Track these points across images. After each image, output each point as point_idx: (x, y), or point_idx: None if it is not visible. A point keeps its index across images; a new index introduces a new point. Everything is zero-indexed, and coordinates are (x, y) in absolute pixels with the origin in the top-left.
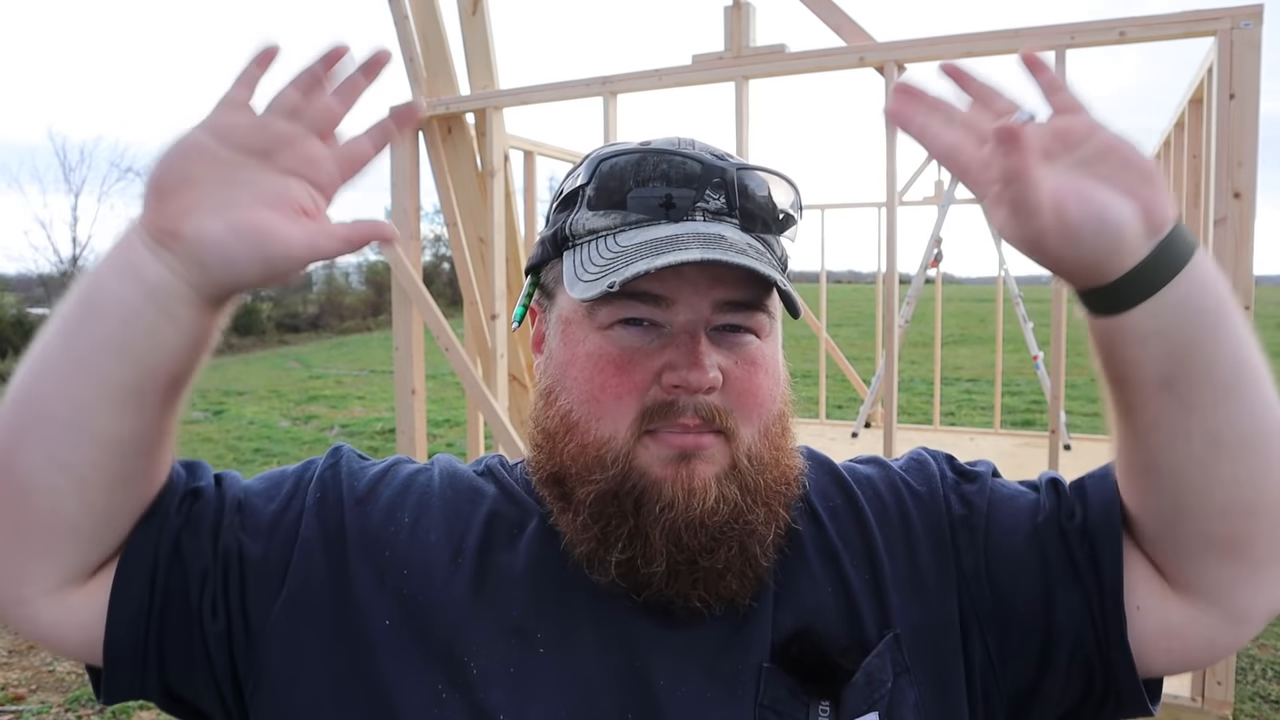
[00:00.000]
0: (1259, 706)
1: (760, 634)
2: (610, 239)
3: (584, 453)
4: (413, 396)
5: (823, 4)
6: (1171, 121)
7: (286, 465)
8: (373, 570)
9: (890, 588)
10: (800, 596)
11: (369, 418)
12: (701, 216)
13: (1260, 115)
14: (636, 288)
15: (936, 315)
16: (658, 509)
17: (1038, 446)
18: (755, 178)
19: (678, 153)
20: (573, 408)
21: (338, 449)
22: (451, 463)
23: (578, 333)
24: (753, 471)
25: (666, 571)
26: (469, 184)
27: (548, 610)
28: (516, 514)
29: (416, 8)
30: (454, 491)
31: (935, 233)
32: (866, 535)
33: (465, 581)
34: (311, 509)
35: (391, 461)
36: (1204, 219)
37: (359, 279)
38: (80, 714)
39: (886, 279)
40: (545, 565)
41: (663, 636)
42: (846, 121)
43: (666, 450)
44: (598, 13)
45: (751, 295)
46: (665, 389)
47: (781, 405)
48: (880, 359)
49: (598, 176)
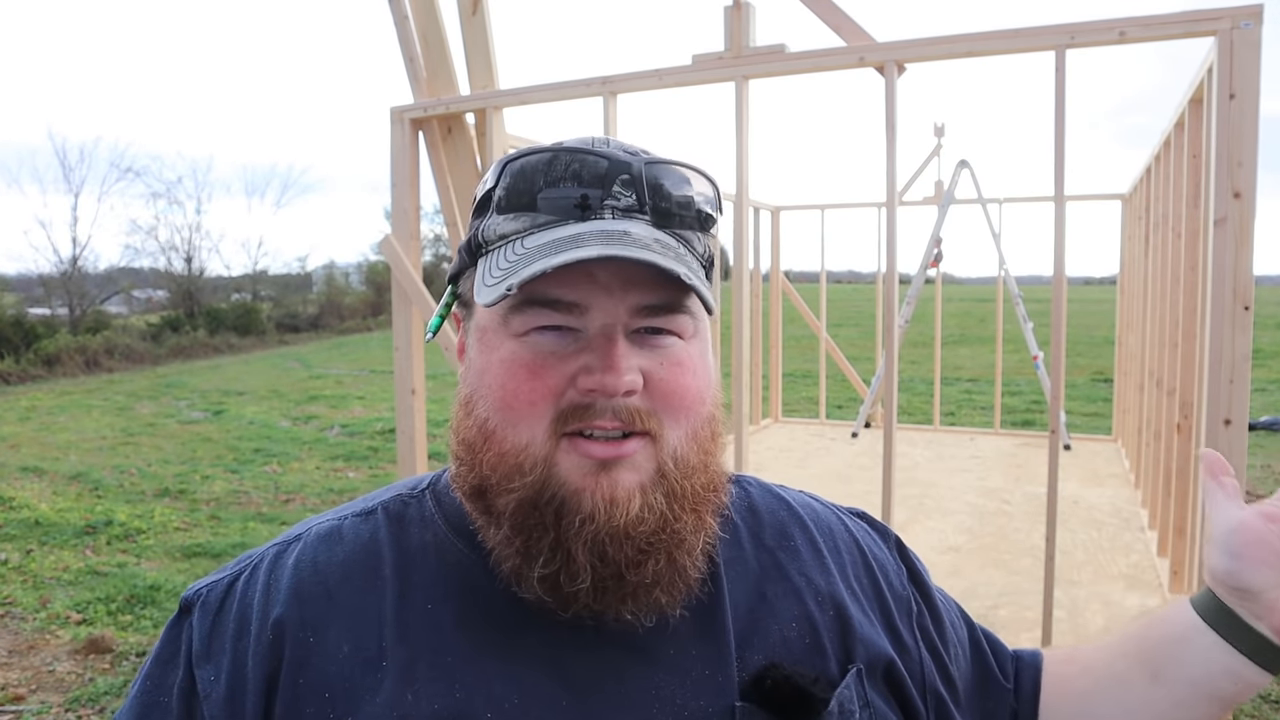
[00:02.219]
0: (1259, 706)
1: (726, 674)
2: (519, 242)
3: (502, 461)
4: (413, 396)
5: (823, 4)
6: (1171, 121)
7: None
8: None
9: (854, 627)
10: (765, 635)
11: (369, 418)
12: (610, 214)
13: (1260, 115)
14: (547, 294)
15: (936, 315)
16: (578, 521)
17: (1038, 446)
18: (668, 171)
19: (587, 150)
20: (489, 415)
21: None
22: (315, 550)
23: (493, 340)
24: (679, 476)
25: (592, 587)
26: (469, 184)
27: (492, 683)
28: (431, 557)
29: (416, 8)
30: (343, 581)
31: (935, 233)
32: (828, 578)
33: (393, 680)
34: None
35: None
36: (1204, 219)
37: (359, 279)
38: (80, 714)
39: (886, 279)
40: (475, 614)
41: (615, 684)
42: (846, 121)
43: (585, 460)
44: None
45: (669, 298)
46: (581, 392)
47: (711, 408)
48: (880, 359)
49: (506, 178)
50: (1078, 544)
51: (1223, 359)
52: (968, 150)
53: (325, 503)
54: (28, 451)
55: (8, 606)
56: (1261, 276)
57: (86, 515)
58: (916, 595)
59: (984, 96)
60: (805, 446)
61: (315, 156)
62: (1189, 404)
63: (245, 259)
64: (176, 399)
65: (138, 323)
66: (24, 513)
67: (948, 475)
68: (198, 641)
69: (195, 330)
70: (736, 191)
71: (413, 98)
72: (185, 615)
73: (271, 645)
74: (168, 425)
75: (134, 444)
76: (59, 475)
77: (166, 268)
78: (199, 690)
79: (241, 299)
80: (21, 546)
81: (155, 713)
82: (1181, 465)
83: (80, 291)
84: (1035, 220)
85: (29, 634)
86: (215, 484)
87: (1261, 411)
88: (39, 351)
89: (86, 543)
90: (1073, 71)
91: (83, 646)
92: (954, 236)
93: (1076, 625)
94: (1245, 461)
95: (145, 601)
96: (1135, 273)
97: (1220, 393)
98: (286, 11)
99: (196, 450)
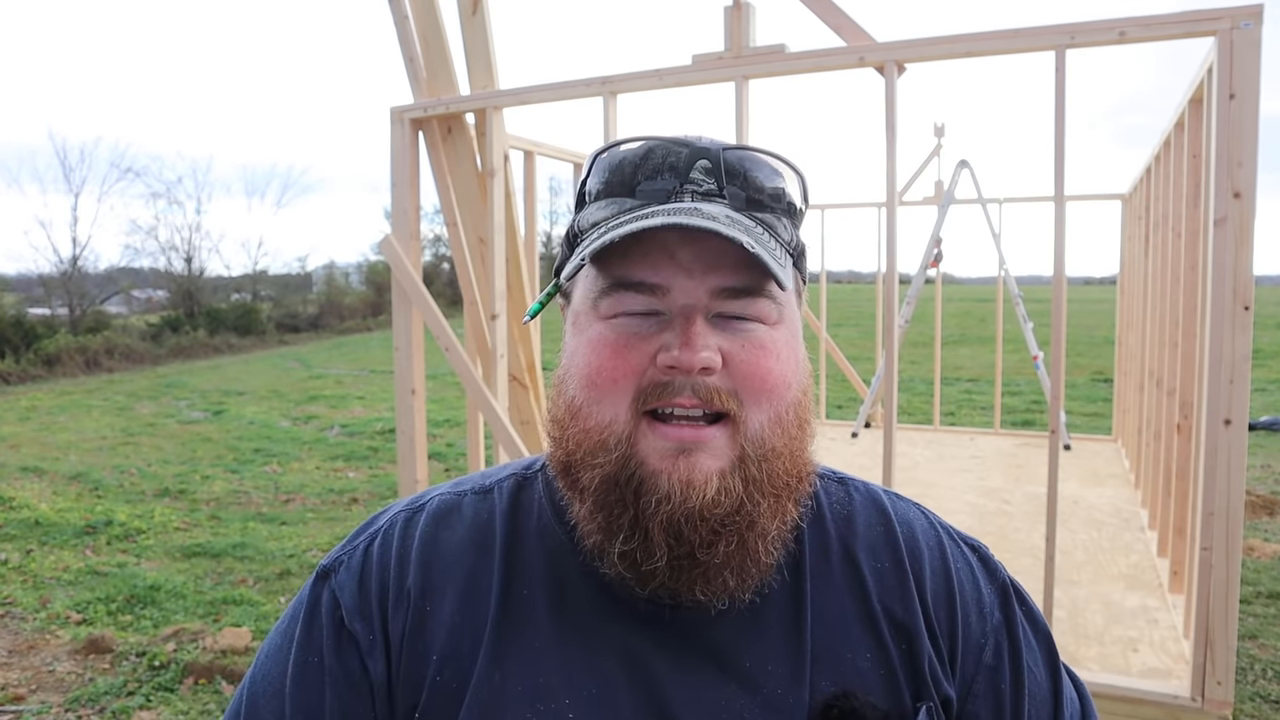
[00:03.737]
0: (1259, 706)
1: (798, 695)
2: (604, 226)
3: (587, 437)
4: (413, 396)
5: (823, 4)
6: (1171, 121)
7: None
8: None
9: (924, 663)
10: (839, 662)
11: (369, 418)
12: (690, 198)
13: (1260, 115)
14: (631, 277)
15: (936, 315)
16: (654, 501)
17: (1037, 446)
18: (751, 159)
19: (673, 140)
20: (576, 393)
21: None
22: (437, 523)
23: (583, 323)
24: (759, 460)
25: (668, 565)
26: (469, 184)
27: (576, 670)
28: (535, 542)
29: (416, 8)
30: (458, 557)
31: (935, 233)
32: (909, 608)
33: (487, 656)
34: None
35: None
36: (1204, 219)
37: (359, 279)
38: (80, 714)
39: (886, 279)
40: (566, 600)
41: (691, 688)
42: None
43: (665, 442)
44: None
45: (749, 280)
46: (660, 370)
47: (798, 394)
48: (880, 359)
49: (598, 170)
50: (1078, 544)
51: (1223, 359)
52: (968, 150)
53: (325, 503)
54: (28, 451)
55: (8, 606)
56: (1261, 276)
57: (86, 515)
58: (998, 643)
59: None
60: None
61: (315, 156)
62: (1189, 404)
63: (245, 259)
64: (176, 399)
65: (138, 323)
66: (24, 513)
67: (948, 475)
68: (349, 600)
69: (195, 330)
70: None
71: (413, 98)
72: (324, 580)
73: (405, 610)
74: (168, 425)
75: (134, 444)
76: (59, 475)
77: (166, 268)
78: (359, 644)
79: (241, 299)
80: (21, 546)
81: (310, 673)
82: (1181, 465)
83: (80, 291)
84: (1035, 220)
85: (29, 634)
86: (215, 484)
87: (1261, 411)
88: (39, 351)
89: (86, 543)
90: (1071, 72)
91: (83, 646)
92: (954, 236)
93: (1076, 625)
94: (1245, 461)
95: (145, 601)
96: (1135, 273)
97: (1220, 393)
98: (286, 11)
99: (196, 450)
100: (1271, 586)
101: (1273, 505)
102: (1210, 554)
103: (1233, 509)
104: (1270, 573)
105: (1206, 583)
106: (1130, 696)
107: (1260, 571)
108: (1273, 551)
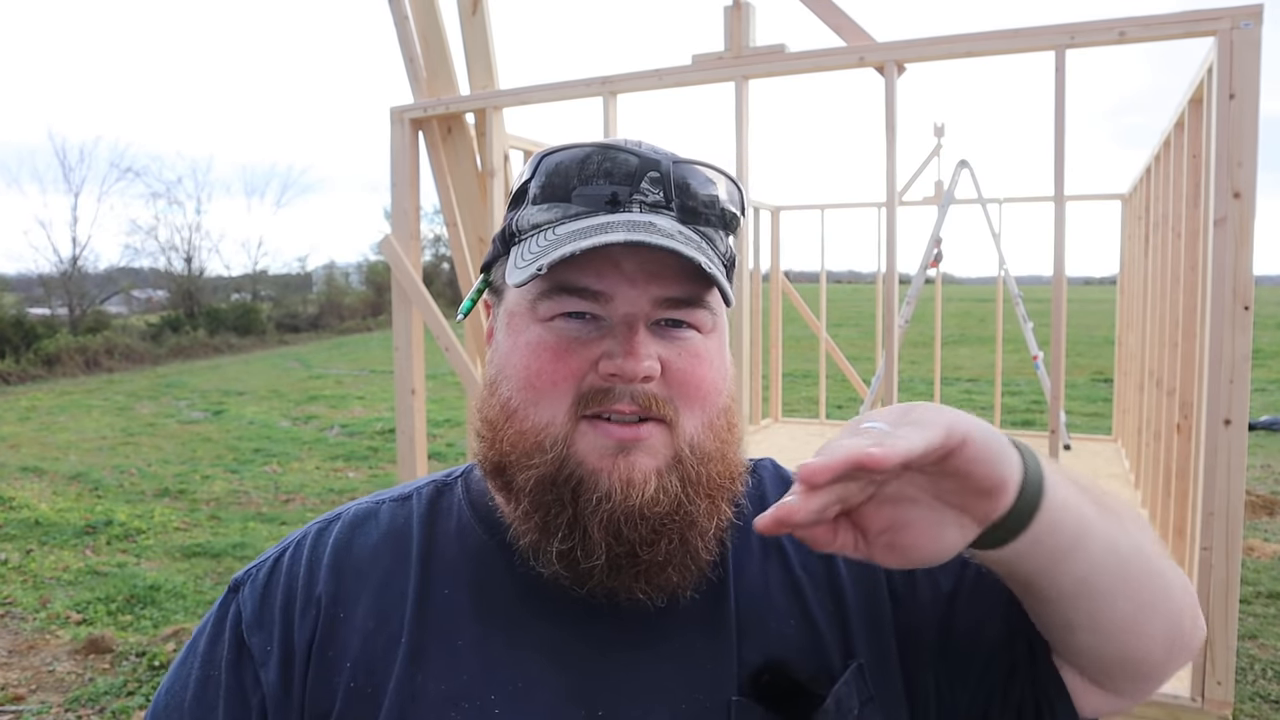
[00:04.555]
0: (1259, 706)
1: (726, 669)
2: (550, 230)
3: (523, 439)
4: (413, 396)
5: (823, 4)
6: (1171, 122)
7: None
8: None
9: (852, 617)
10: (764, 631)
11: (369, 418)
12: (639, 209)
13: (1260, 115)
14: (575, 282)
15: (936, 315)
16: (595, 500)
17: (1038, 446)
18: (694, 171)
19: (619, 148)
20: (512, 395)
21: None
22: (352, 531)
23: (520, 324)
24: (694, 462)
25: (607, 564)
26: (469, 184)
27: (500, 666)
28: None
29: (416, 8)
30: (373, 562)
31: (935, 233)
32: (831, 565)
33: (406, 659)
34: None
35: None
36: (1204, 219)
37: (359, 279)
38: (80, 714)
39: (886, 279)
40: (489, 599)
41: (617, 673)
42: (846, 121)
43: (605, 440)
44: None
45: (690, 291)
46: (602, 377)
47: (727, 400)
48: (880, 359)
49: (542, 172)
50: None
51: (1223, 359)
52: (968, 150)
53: (325, 503)
54: (28, 451)
55: (8, 606)
56: (1261, 276)
57: (86, 515)
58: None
59: (984, 96)
60: (805, 446)
61: (315, 156)
62: (1189, 404)
63: (245, 259)
64: (176, 399)
65: (138, 323)
66: (24, 513)
67: None
68: (249, 613)
69: (195, 330)
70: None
71: (413, 98)
72: (234, 594)
73: (313, 618)
74: (168, 425)
75: (134, 444)
76: (59, 475)
77: (166, 268)
78: (254, 656)
79: (241, 299)
80: (21, 546)
81: (209, 688)
82: (1181, 465)
83: (80, 291)
84: (1035, 220)
85: (29, 634)
86: (215, 484)
87: (1261, 411)
88: (39, 351)
89: (86, 543)
90: (1071, 71)
91: (83, 646)
92: (954, 236)
93: None
94: (1245, 461)
95: (145, 601)
96: (1135, 273)
97: (1220, 393)
98: (286, 11)
99: (196, 450)
100: (1271, 586)
101: (1273, 505)
102: (1210, 554)
103: (1233, 509)
104: (1270, 573)
105: (1206, 583)
106: None
107: (1260, 571)
108: (1273, 551)
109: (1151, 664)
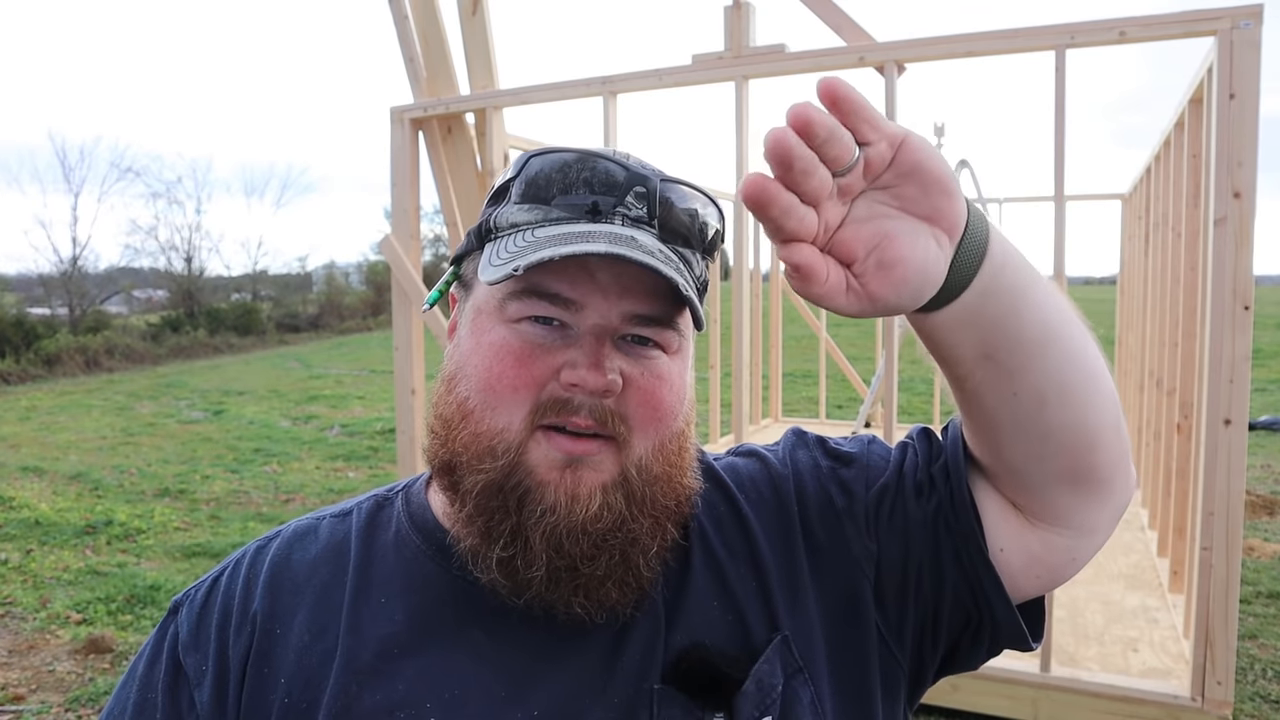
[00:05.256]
0: (1259, 706)
1: (652, 658)
2: (529, 231)
3: (476, 441)
4: (413, 396)
5: (823, 4)
6: (1171, 121)
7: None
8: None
9: (776, 589)
10: (688, 616)
11: (369, 418)
12: (621, 221)
13: (1260, 115)
14: (548, 287)
15: None
16: (539, 511)
17: None
18: (679, 191)
19: (606, 157)
20: (470, 395)
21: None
22: (290, 546)
23: (486, 323)
24: (641, 483)
25: (546, 576)
26: (469, 184)
27: (436, 674)
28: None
29: (416, 8)
30: (310, 577)
31: None
32: (750, 540)
33: (342, 671)
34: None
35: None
36: (1204, 219)
37: (359, 279)
38: (80, 714)
39: None
40: (425, 609)
41: (551, 674)
42: None
43: (556, 453)
44: (598, 13)
45: (661, 310)
46: (563, 386)
47: (682, 424)
48: (880, 359)
49: (525, 173)
50: None
51: (1223, 359)
52: (968, 150)
53: (325, 503)
54: (28, 451)
55: (8, 606)
56: (1261, 276)
57: (86, 515)
58: (853, 502)
59: (984, 96)
60: None
61: (314, 156)
62: (1189, 404)
63: (245, 259)
64: (176, 399)
65: (138, 323)
66: (24, 513)
67: None
68: (185, 634)
69: (195, 330)
70: (737, 191)
71: (413, 98)
72: (172, 616)
73: (249, 635)
74: (168, 425)
75: (134, 444)
76: (59, 475)
77: (166, 268)
78: (189, 677)
79: (241, 299)
80: (21, 546)
81: (145, 711)
82: (1181, 465)
83: (80, 291)
84: (1035, 220)
85: (29, 634)
86: (215, 484)
87: (1261, 411)
88: (39, 351)
89: (86, 543)
90: (1071, 71)
91: (83, 646)
92: None
93: (1076, 625)
94: (1245, 461)
95: (145, 601)
96: (1135, 273)
97: (1220, 393)
98: (286, 11)
99: (196, 450)
100: (1271, 586)
101: (1273, 505)
102: (1210, 554)
103: (1233, 509)
104: (1270, 573)
105: (1206, 582)
106: (1130, 696)
107: (1260, 571)
108: (1273, 551)
109: (1103, 452)
